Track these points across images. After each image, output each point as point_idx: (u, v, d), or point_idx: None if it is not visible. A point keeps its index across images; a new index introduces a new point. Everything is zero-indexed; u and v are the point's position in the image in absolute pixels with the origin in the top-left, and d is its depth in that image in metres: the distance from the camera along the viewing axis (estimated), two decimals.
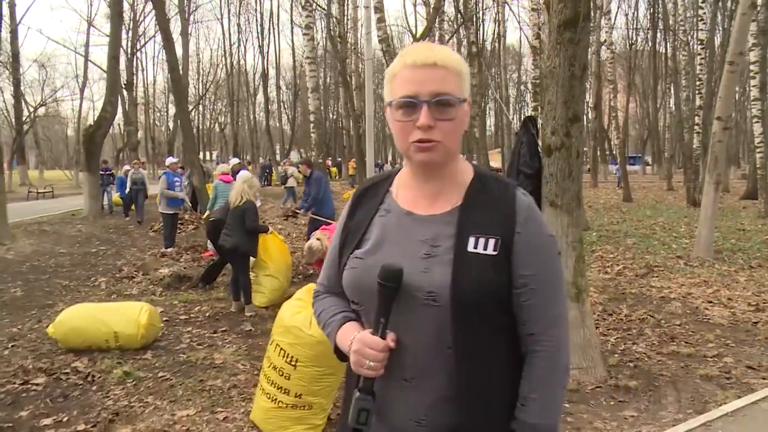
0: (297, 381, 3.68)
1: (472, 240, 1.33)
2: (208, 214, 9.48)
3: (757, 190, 18.19)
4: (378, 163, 39.54)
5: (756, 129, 17.50)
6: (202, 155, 29.88)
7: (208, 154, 52.46)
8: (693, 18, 26.84)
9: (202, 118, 50.75)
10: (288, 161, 26.77)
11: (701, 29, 20.32)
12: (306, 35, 17.26)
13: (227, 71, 44.52)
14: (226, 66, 44.68)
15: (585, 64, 4.67)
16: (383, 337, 1.30)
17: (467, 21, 20.76)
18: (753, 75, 17.17)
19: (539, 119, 4.94)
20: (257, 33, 44.89)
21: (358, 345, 1.33)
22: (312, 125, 17.76)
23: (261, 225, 7.02)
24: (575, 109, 4.58)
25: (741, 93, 31.83)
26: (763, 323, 6.32)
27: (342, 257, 1.47)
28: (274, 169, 35.41)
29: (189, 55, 33.49)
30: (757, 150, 17.56)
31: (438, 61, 1.33)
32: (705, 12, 20.15)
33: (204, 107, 50.96)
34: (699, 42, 20.50)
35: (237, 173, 11.26)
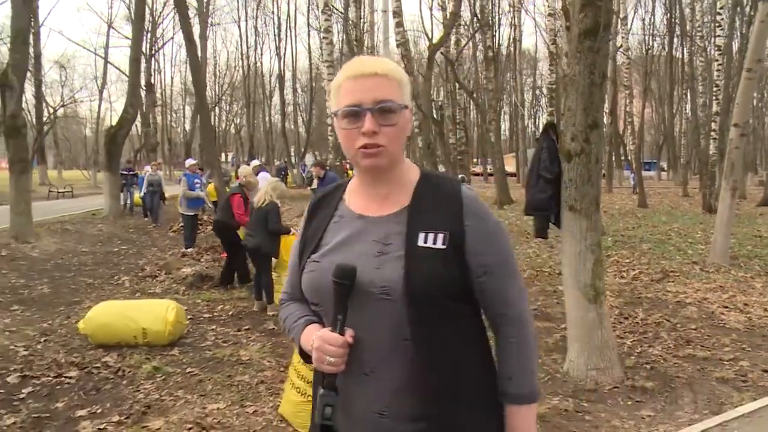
0: None
1: (421, 236, 1.39)
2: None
3: None
4: None
5: None
6: (193, 158, 30.41)
7: (223, 155, 52.85)
8: (710, 23, 26.77)
9: (218, 120, 51.19)
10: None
11: (719, 35, 20.28)
12: (325, 39, 17.44)
13: (244, 73, 44.87)
14: (242, 68, 45.05)
15: (604, 72, 4.78)
16: (342, 334, 1.36)
17: (484, 26, 20.85)
18: None
19: (561, 125, 5.04)
20: (274, 35, 45.02)
21: (318, 342, 1.37)
22: (330, 128, 17.94)
23: (283, 226, 7.18)
24: (595, 116, 4.70)
25: (758, 99, 31.64)
26: None
27: (301, 264, 1.53)
28: (289, 171, 35.65)
29: (206, 58, 33.87)
30: None
31: (378, 71, 1.40)
32: (723, 18, 20.10)
33: (220, 109, 51.43)
34: (717, 48, 20.44)
35: (257, 174, 11.48)
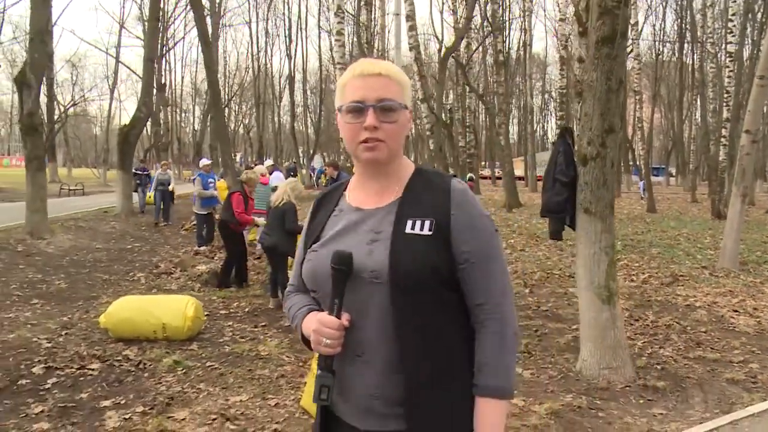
0: None
1: (409, 223, 1.46)
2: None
3: None
4: None
5: None
6: (209, 158, 30.64)
7: (232, 155, 53.09)
8: (722, 30, 26.79)
9: (227, 120, 51.41)
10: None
11: (730, 42, 20.32)
12: (337, 41, 17.56)
13: (254, 74, 45.09)
14: (252, 69, 45.27)
15: (621, 78, 4.88)
16: (338, 317, 1.44)
17: (495, 30, 20.96)
18: None
19: (576, 129, 5.14)
20: (285, 36, 45.22)
21: (315, 325, 1.45)
22: None
23: (300, 225, 7.30)
24: (611, 121, 4.80)
25: (764, 105, 31.54)
26: None
27: (305, 254, 1.63)
28: (299, 172, 35.81)
29: (217, 59, 34.04)
30: None
31: (382, 72, 1.50)
32: (735, 24, 20.14)
33: (229, 109, 51.67)
34: (728, 55, 20.48)
35: (271, 174, 11.62)
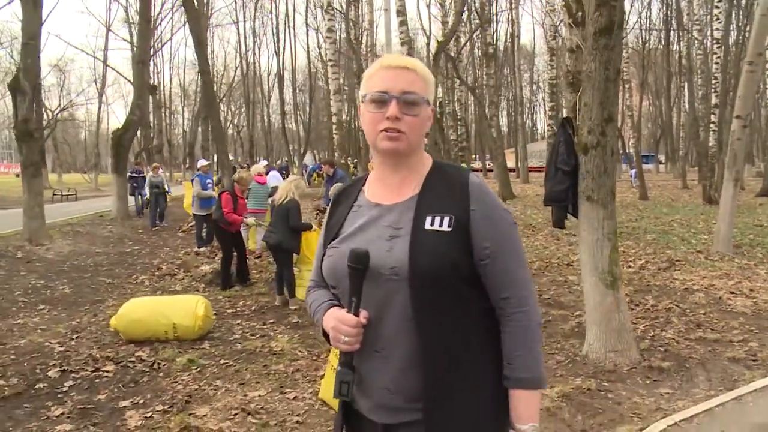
0: None
1: (428, 219, 1.48)
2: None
3: None
4: None
5: None
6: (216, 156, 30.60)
7: (228, 156, 53.03)
8: (707, 16, 27.01)
9: None
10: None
11: (717, 28, 20.51)
12: (329, 38, 17.62)
13: (243, 73, 45.02)
14: (241, 68, 45.20)
15: (619, 68, 4.99)
16: (356, 314, 1.46)
17: (484, 23, 21.05)
18: None
19: (577, 119, 5.25)
20: (273, 35, 45.21)
21: (334, 322, 1.49)
22: (335, 126, 18.14)
23: (304, 223, 7.40)
24: (610, 110, 4.92)
25: (755, 91, 31.85)
26: None
27: (324, 250, 1.65)
28: (290, 170, 35.84)
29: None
30: None
31: (409, 66, 1.54)
32: (720, 11, 20.34)
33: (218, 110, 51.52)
34: (715, 41, 20.67)
35: (267, 174, 11.69)
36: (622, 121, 34.99)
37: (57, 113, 38.78)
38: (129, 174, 18.49)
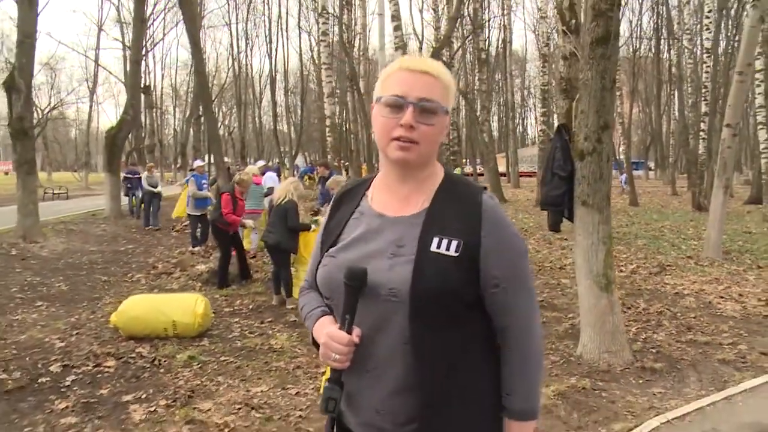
0: None
1: (435, 240, 1.39)
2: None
3: (762, 194, 18.60)
4: None
5: (761, 135, 17.97)
6: (208, 158, 30.62)
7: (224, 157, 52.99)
8: (697, 25, 27.35)
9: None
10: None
11: (706, 38, 20.80)
12: (322, 41, 17.72)
13: (235, 75, 45.05)
14: (233, 69, 45.23)
15: (614, 77, 5.14)
16: (349, 332, 1.39)
17: (477, 29, 21.23)
18: (759, 83, 17.61)
19: (570, 124, 5.39)
20: (265, 37, 45.23)
21: (325, 338, 1.42)
22: (328, 129, 18.24)
23: (303, 223, 7.49)
24: (606, 118, 5.05)
25: (744, 100, 32.25)
26: None
27: (321, 255, 1.56)
28: (282, 172, 35.88)
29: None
30: (762, 156, 18.01)
31: (430, 71, 1.43)
32: (711, 21, 20.63)
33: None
34: (705, 50, 20.96)
35: (264, 174, 11.77)
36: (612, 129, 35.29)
37: (48, 112, 38.64)
38: (124, 175, 18.45)
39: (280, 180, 12.94)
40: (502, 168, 39.58)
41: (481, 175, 42.99)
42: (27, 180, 12.76)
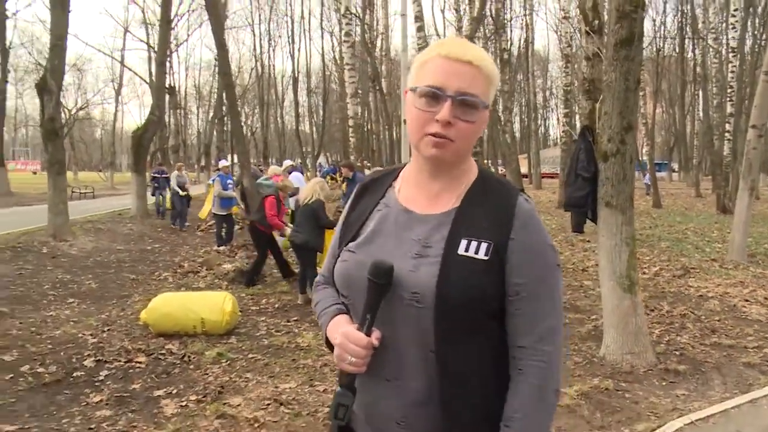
0: None
1: (464, 243, 1.28)
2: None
3: None
4: None
5: None
6: (230, 158, 30.99)
7: (236, 157, 53.55)
8: (722, 24, 27.04)
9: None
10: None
11: (732, 36, 20.57)
12: (345, 42, 17.83)
13: (257, 75, 45.44)
14: (256, 70, 45.62)
15: (638, 78, 5.17)
16: (368, 334, 1.28)
17: (500, 29, 21.23)
18: None
19: (597, 125, 5.42)
20: (288, 37, 45.63)
21: (341, 339, 1.31)
22: (351, 129, 18.38)
23: (333, 220, 7.60)
24: (629, 119, 5.08)
25: None
26: None
27: (340, 249, 1.46)
28: (305, 172, 36.13)
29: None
30: None
31: (473, 60, 1.29)
32: (737, 19, 20.40)
33: None
34: (731, 49, 20.73)
35: (290, 174, 11.91)
36: (636, 129, 34.98)
37: (75, 112, 39.30)
38: (152, 174, 18.74)
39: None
40: (524, 169, 39.42)
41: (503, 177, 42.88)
42: (57, 180, 13.04)
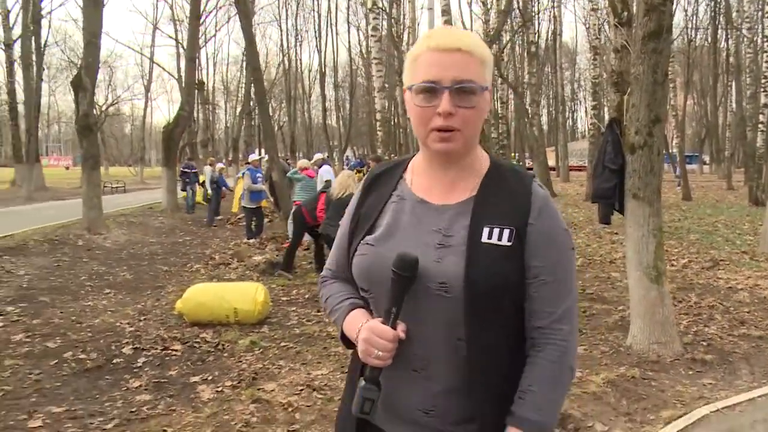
0: None
1: (486, 230, 1.30)
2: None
3: None
4: None
5: None
6: (258, 153, 31.44)
7: (263, 151, 53.99)
8: (758, 13, 26.52)
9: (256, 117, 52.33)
10: None
11: None
12: (373, 36, 17.92)
13: (284, 70, 45.76)
14: (283, 65, 45.94)
15: (666, 71, 5.18)
16: (394, 327, 1.29)
17: (527, 21, 21.13)
18: None
19: (624, 118, 5.45)
20: (314, 32, 45.88)
21: (367, 333, 1.31)
22: (378, 123, 18.48)
23: None
24: (657, 112, 5.10)
25: None
26: None
27: (352, 243, 1.45)
28: (332, 166, 36.36)
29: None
30: None
31: (463, 47, 1.29)
32: None
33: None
34: (766, 39, 20.36)
35: (320, 167, 12.06)
36: (665, 121, 34.49)
37: (106, 108, 40.00)
38: (182, 169, 19.08)
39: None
40: (551, 162, 39.17)
41: (530, 170, 42.63)
42: (92, 174, 13.39)
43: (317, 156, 13.94)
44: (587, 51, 33.76)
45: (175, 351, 5.61)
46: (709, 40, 33.20)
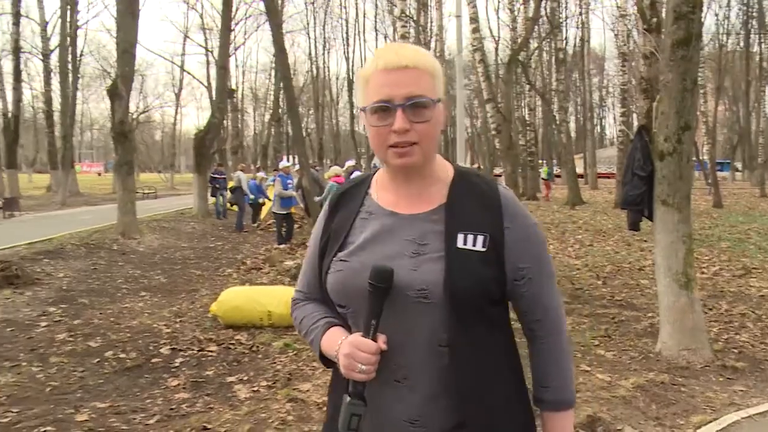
0: None
1: (461, 236, 1.33)
2: None
3: None
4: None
5: None
6: (287, 159, 31.88)
7: (292, 158, 54.52)
8: None
9: (286, 124, 52.85)
10: None
11: None
12: None
13: (312, 77, 46.20)
14: (311, 72, 46.39)
15: (696, 78, 5.22)
16: (374, 340, 1.29)
17: (555, 28, 21.11)
18: None
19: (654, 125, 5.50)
20: (342, 39, 46.30)
21: (348, 348, 1.30)
22: None
23: None
24: (687, 119, 5.14)
25: None
26: None
27: (323, 262, 1.45)
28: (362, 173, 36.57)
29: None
30: None
31: (410, 64, 1.32)
32: None
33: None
34: None
35: (351, 174, 12.22)
36: (696, 128, 34.05)
37: (138, 116, 40.79)
38: (210, 175, 19.41)
39: None
40: (579, 169, 38.92)
41: (558, 177, 42.38)
42: (126, 180, 13.75)
43: (348, 163, 14.12)
44: (615, 57, 33.53)
45: (211, 352, 5.78)
46: (741, 44, 32.79)
